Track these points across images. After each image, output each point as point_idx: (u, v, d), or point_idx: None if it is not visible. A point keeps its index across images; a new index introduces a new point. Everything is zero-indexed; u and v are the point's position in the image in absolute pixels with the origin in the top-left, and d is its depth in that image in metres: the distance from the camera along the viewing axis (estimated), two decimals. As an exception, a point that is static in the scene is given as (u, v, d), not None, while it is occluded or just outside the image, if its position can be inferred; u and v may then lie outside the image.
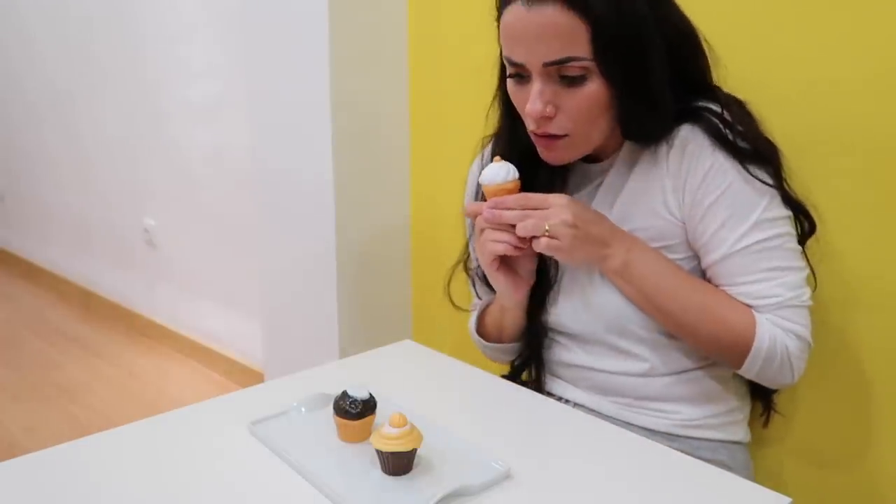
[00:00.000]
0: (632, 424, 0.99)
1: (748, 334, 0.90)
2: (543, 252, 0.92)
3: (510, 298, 1.03)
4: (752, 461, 1.07)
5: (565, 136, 0.92)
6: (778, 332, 0.91)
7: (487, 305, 1.15)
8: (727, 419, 1.02)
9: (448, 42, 1.65)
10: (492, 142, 1.08)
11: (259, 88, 1.86)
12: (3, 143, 3.93)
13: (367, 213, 1.78)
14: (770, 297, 0.91)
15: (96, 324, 3.23)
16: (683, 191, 0.93)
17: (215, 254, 2.68)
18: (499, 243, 0.94)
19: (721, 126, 0.90)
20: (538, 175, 1.02)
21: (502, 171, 0.94)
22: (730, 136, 0.90)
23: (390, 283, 1.87)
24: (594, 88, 0.89)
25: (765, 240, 0.90)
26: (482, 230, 0.96)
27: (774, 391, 1.08)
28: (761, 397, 1.09)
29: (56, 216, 3.64)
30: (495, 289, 1.05)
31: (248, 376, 2.53)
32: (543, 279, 1.04)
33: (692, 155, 0.91)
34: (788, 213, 0.93)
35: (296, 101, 1.75)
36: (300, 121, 1.75)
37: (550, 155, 0.95)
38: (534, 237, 0.91)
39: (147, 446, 0.86)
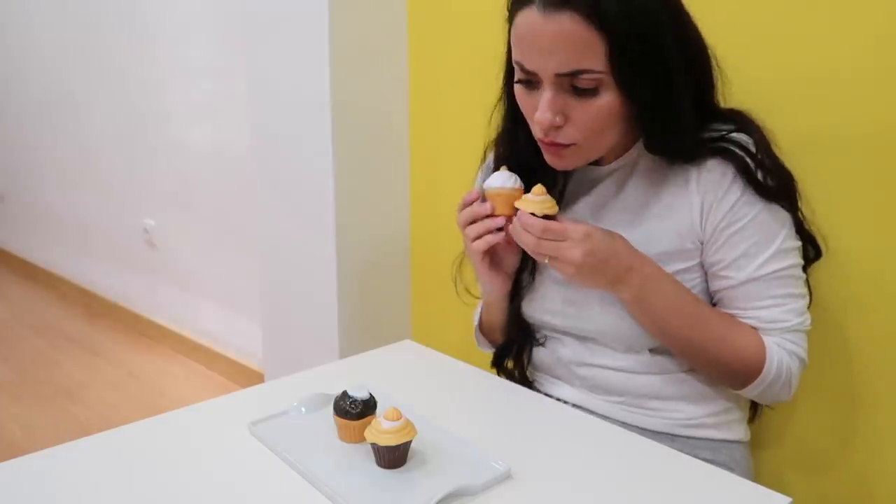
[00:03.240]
0: (631, 425, 0.99)
1: (759, 360, 0.93)
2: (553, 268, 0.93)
3: (494, 292, 1.06)
4: (752, 461, 1.07)
5: (573, 144, 0.92)
6: (784, 355, 0.94)
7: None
8: (726, 418, 1.02)
9: (448, 41, 1.65)
10: (494, 146, 1.08)
11: (259, 88, 1.86)
12: (2, 144, 3.93)
13: (367, 213, 1.78)
14: (779, 322, 0.94)
15: (96, 324, 3.23)
16: (708, 217, 0.94)
17: (215, 254, 2.68)
18: (481, 239, 0.96)
19: (750, 162, 0.91)
20: (538, 179, 1.02)
21: (510, 180, 0.96)
22: (758, 175, 0.91)
23: (390, 283, 1.87)
24: (607, 101, 0.87)
25: (781, 269, 0.93)
26: (465, 225, 0.98)
27: None
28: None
29: (56, 216, 3.64)
30: (479, 282, 1.08)
31: (248, 376, 2.53)
32: (522, 275, 1.06)
33: (720, 186, 0.92)
34: (800, 243, 0.96)
35: (296, 101, 1.75)
36: (300, 121, 1.75)
37: (557, 161, 0.95)
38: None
39: (147, 446, 0.86)
